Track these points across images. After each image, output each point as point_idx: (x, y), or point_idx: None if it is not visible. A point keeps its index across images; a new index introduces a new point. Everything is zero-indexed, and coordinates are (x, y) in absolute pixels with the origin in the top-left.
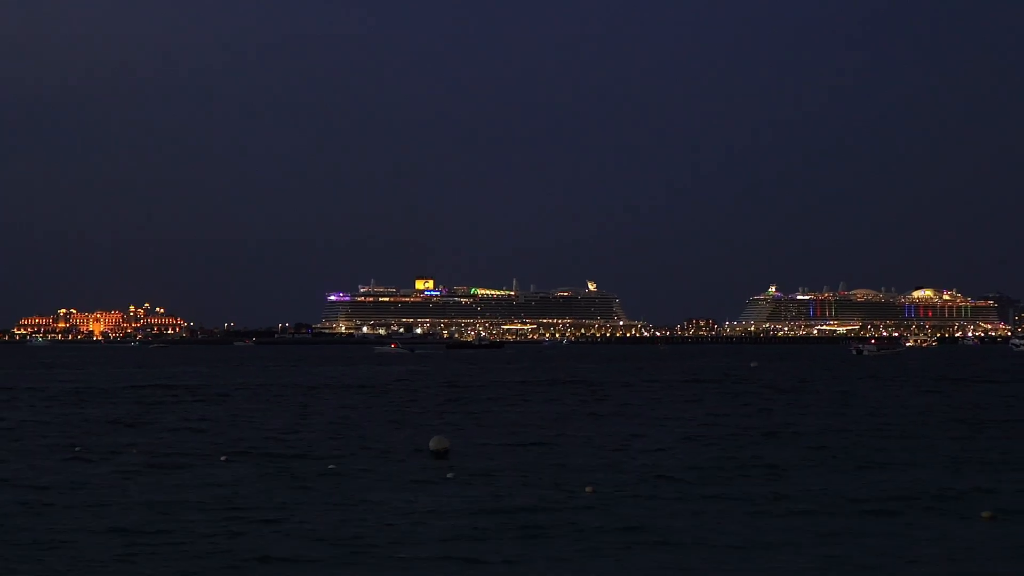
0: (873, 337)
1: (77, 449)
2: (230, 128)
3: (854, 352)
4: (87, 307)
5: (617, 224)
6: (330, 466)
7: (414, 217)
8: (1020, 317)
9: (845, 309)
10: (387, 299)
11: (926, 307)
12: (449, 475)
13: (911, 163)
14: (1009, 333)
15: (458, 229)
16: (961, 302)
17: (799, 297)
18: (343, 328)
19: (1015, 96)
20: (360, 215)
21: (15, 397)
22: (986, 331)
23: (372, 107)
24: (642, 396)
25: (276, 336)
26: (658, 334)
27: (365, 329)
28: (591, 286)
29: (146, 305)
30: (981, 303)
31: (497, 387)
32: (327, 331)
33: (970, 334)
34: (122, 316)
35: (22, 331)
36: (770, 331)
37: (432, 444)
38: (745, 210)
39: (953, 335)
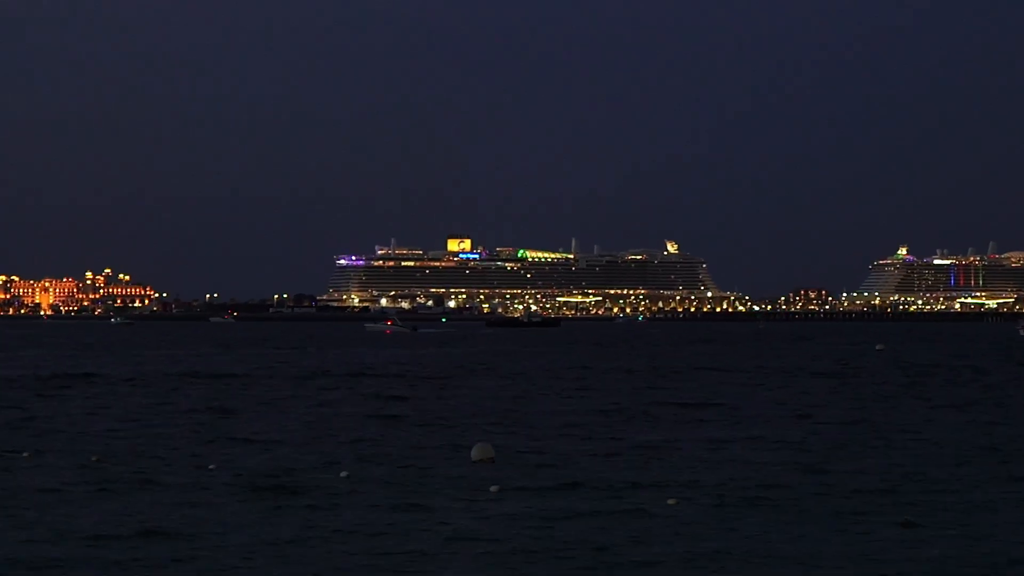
0: None
1: (24, 455)
2: (213, 60)
3: (1022, 332)
4: (33, 273)
5: (703, 168)
6: (343, 473)
7: (444, 163)
8: None
9: (995, 277)
10: (412, 263)
11: None
12: (493, 488)
13: None
14: None
15: (501, 177)
16: None
17: (936, 262)
18: (356, 300)
19: None
20: (377, 161)
21: None
22: None
23: (382, 30)
24: (740, 388)
25: (272, 310)
26: (756, 309)
27: (384, 301)
28: (671, 247)
29: (107, 271)
30: None
31: (552, 377)
32: (335, 304)
33: None
34: (77, 285)
35: None
36: (899, 305)
37: (475, 452)
38: (865, 152)
39: None
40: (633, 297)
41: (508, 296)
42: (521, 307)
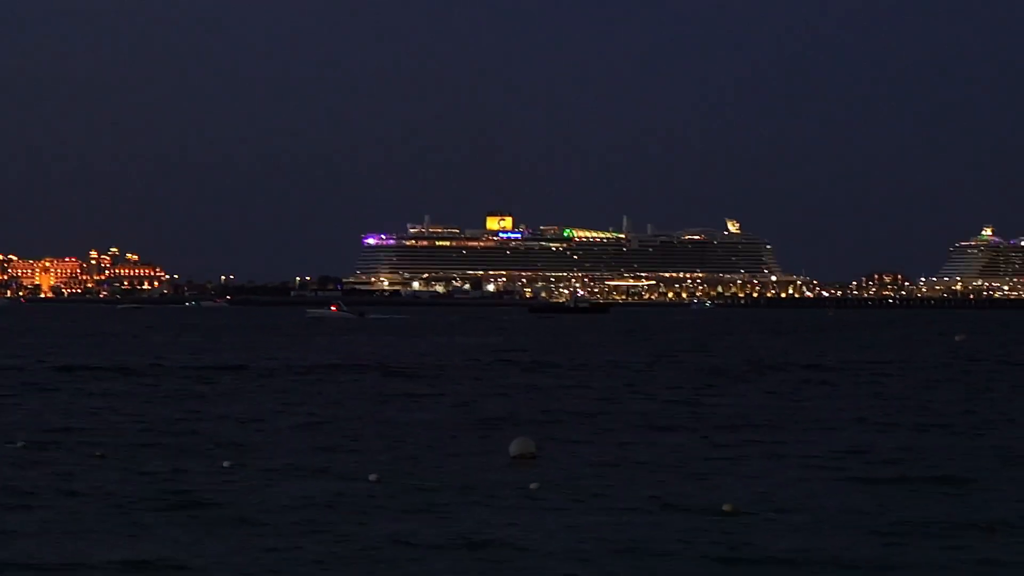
0: None
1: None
2: (229, 14)
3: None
4: (31, 252)
5: (767, 139)
6: (371, 477)
7: (483, 131)
8: None
9: None
10: (447, 243)
11: None
12: (533, 485)
13: None
14: None
15: (545, 147)
16: None
17: None
18: (386, 283)
19: None
20: (410, 129)
21: None
22: None
23: None
24: (815, 387)
25: (293, 294)
26: (825, 295)
27: (416, 284)
28: (732, 227)
29: (113, 250)
30: None
31: (610, 371)
32: (363, 286)
33: None
34: (80, 265)
35: None
36: (982, 291)
37: (514, 447)
38: (945, 124)
39: None
40: (690, 281)
41: (552, 279)
42: (567, 291)
